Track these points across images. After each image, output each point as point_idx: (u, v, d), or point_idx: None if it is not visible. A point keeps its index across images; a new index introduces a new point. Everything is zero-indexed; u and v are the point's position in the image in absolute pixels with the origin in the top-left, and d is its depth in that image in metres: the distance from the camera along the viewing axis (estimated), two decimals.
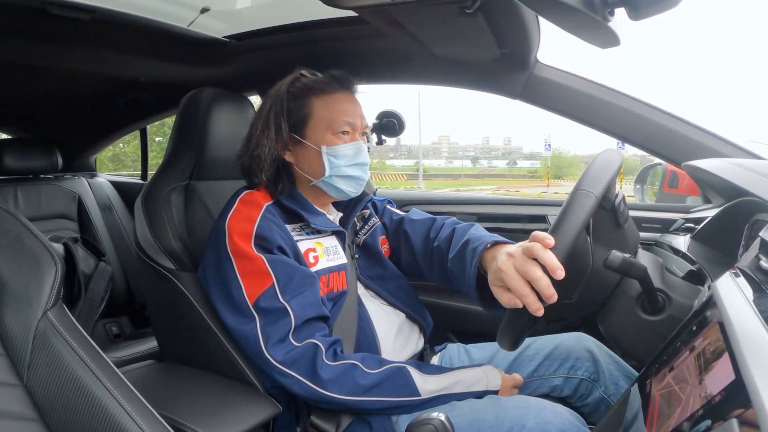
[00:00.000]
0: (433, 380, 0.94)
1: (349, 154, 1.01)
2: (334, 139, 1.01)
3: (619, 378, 1.03)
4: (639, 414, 0.58)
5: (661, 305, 0.84)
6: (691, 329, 0.59)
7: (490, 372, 0.99)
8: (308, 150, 1.02)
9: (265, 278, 0.92)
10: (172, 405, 0.89)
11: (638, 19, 0.56)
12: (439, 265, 1.07)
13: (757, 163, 0.76)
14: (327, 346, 0.91)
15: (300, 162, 1.04)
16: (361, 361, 0.91)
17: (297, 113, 1.02)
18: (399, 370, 0.92)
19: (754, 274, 0.58)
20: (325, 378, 0.87)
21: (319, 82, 1.04)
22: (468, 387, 0.96)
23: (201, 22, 1.39)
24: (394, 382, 0.91)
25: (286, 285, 0.92)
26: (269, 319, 0.91)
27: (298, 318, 0.91)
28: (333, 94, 1.03)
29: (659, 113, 1.27)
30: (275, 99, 1.03)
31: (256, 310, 0.92)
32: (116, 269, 2.11)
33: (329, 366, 0.89)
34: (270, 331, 0.90)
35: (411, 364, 0.96)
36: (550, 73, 1.32)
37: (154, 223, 1.09)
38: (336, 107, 1.02)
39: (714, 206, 1.21)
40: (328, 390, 0.88)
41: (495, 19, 0.97)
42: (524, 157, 53.30)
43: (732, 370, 0.41)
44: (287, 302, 0.91)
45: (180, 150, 1.19)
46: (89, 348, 0.61)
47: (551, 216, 1.60)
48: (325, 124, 1.01)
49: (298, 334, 0.91)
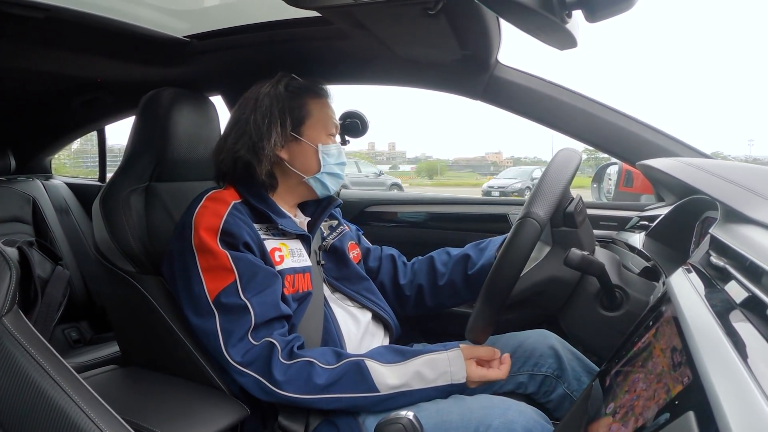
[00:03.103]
0: (393, 372, 0.90)
1: (336, 153, 1.09)
2: (327, 139, 1.08)
3: (581, 374, 1.05)
4: (601, 408, 0.59)
5: (619, 301, 0.87)
6: (648, 324, 0.61)
7: (454, 361, 0.93)
8: (305, 147, 1.06)
9: (227, 274, 0.91)
10: (136, 410, 0.87)
11: (594, 21, 0.58)
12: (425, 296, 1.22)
13: (706, 162, 0.79)
14: (283, 345, 0.90)
15: (294, 159, 1.06)
16: (319, 357, 0.90)
17: (297, 112, 1.05)
18: (356, 365, 0.90)
19: (705, 270, 0.60)
20: (280, 378, 0.87)
21: (313, 85, 1.09)
22: (431, 381, 0.91)
23: (162, 22, 1.35)
24: (352, 378, 0.89)
25: (248, 282, 0.91)
26: (229, 316, 0.90)
27: (258, 316, 0.90)
28: (324, 98, 1.11)
29: (614, 114, 1.31)
30: (275, 96, 1.04)
31: (216, 306, 0.91)
32: (74, 273, 2.05)
33: (284, 365, 0.88)
34: (230, 329, 0.90)
35: (371, 354, 0.94)
36: (511, 74, 1.34)
37: (113, 225, 1.07)
38: (327, 110, 1.10)
39: (667, 204, 1.26)
40: (284, 390, 0.87)
41: (457, 20, 0.98)
42: (407, 161, 55.69)
43: (687, 364, 0.42)
44: (248, 300, 0.90)
45: (139, 151, 1.16)
46: (48, 354, 0.58)
47: (512, 215, 1.63)
48: (321, 125, 1.07)
49: (257, 333, 0.90)
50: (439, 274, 1.19)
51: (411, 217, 1.84)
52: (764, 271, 0.46)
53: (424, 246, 1.79)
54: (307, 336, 0.98)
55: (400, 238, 1.84)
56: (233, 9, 1.33)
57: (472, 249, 1.19)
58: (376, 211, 1.89)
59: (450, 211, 1.79)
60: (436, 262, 1.21)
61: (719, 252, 0.61)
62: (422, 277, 1.22)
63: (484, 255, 1.15)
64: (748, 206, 0.60)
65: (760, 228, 0.55)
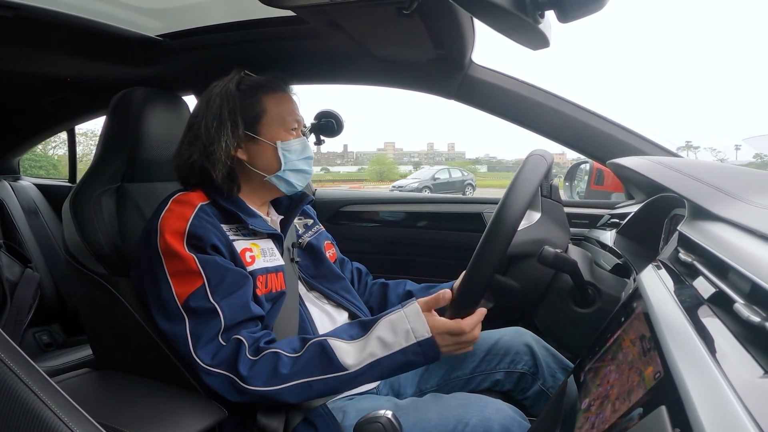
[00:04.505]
0: (357, 347, 0.87)
1: (299, 148, 1.05)
2: (286, 135, 1.04)
3: (556, 370, 1.07)
4: (576, 404, 0.60)
5: (592, 298, 0.88)
6: (620, 320, 0.62)
7: (413, 317, 0.87)
8: (263, 146, 1.03)
9: (195, 278, 0.89)
10: (112, 414, 0.85)
11: (566, 21, 0.58)
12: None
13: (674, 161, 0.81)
14: (251, 341, 0.88)
15: (253, 158, 1.04)
16: (284, 347, 0.89)
17: (251, 111, 1.02)
18: (320, 346, 0.87)
19: (674, 266, 0.62)
20: (245, 374, 0.85)
21: (268, 80, 1.06)
22: (394, 344, 0.86)
23: (134, 20, 1.32)
24: (318, 362, 0.86)
25: (217, 285, 0.90)
26: (198, 320, 0.89)
27: (227, 319, 0.89)
28: (281, 93, 1.06)
29: (586, 113, 1.33)
30: (226, 96, 1.01)
31: (186, 311, 0.89)
32: (45, 276, 2.01)
33: (250, 360, 0.87)
34: (199, 332, 0.88)
35: (336, 332, 0.91)
36: (484, 73, 1.35)
37: (83, 227, 1.04)
38: (285, 105, 1.05)
39: (636, 202, 1.29)
40: (252, 384, 0.85)
41: (431, 20, 0.98)
42: (470, 162, 55.88)
43: (658, 358, 0.43)
44: (217, 303, 0.89)
45: (110, 151, 1.14)
46: (18, 357, 0.56)
47: (487, 213, 1.64)
48: (278, 121, 1.03)
49: (227, 335, 0.89)
50: (389, 303, 1.20)
51: (386, 216, 1.84)
52: (730, 267, 0.47)
53: (400, 245, 1.80)
54: (282, 335, 0.97)
55: (376, 237, 1.84)
56: (207, 8, 1.30)
57: (420, 291, 1.19)
58: (352, 211, 1.88)
59: (425, 210, 1.80)
60: (390, 293, 1.22)
61: (687, 249, 0.62)
62: (375, 301, 1.24)
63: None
64: (715, 204, 0.61)
65: (726, 225, 0.57)
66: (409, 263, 1.78)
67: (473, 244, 0.81)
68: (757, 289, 0.41)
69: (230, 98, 1.01)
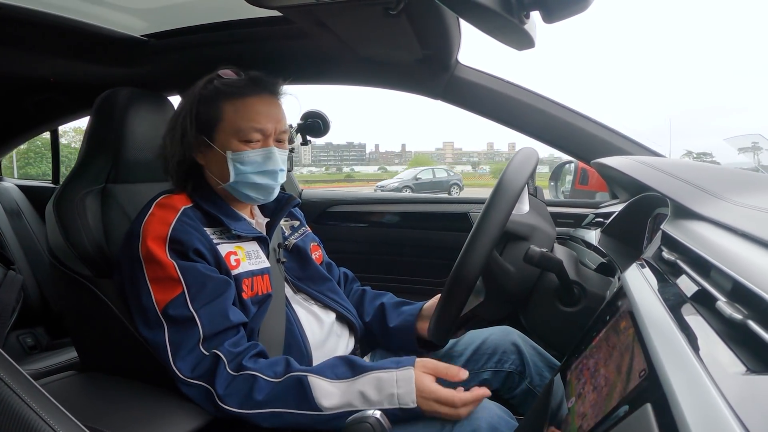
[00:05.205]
0: (337, 390, 0.85)
1: (257, 160, 0.99)
2: (241, 145, 0.98)
3: (543, 369, 1.07)
4: (563, 402, 0.60)
5: (577, 297, 0.89)
6: (605, 319, 0.63)
7: (403, 382, 0.84)
8: (216, 154, 1.00)
9: (174, 285, 0.88)
10: (97, 416, 0.84)
11: (551, 22, 0.59)
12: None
13: (657, 161, 0.82)
14: (231, 357, 0.87)
15: (209, 165, 1.02)
16: (265, 369, 0.87)
17: (206, 116, 0.99)
18: (299, 381, 0.85)
19: (658, 265, 0.62)
20: (221, 392, 0.85)
21: (230, 85, 0.99)
22: (375, 403, 0.84)
23: (119, 20, 1.31)
24: (294, 396, 0.85)
25: (196, 294, 0.88)
26: (177, 328, 0.88)
27: (206, 329, 0.88)
28: (245, 99, 0.98)
29: (571, 113, 1.35)
30: (187, 100, 1.01)
31: (165, 318, 0.88)
32: (28, 278, 2.00)
33: (229, 376, 0.86)
34: (177, 341, 0.87)
35: (321, 367, 0.89)
36: (470, 74, 1.36)
37: (67, 228, 1.03)
38: (246, 112, 0.97)
39: (620, 201, 1.30)
40: (226, 403, 0.85)
41: (418, 21, 0.98)
42: None
43: (643, 356, 0.43)
44: (196, 311, 0.88)
45: (95, 152, 1.12)
46: (2, 360, 0.55)
47: (473, 213, 1.65)
48: (233, 130, 0.97)
49: (207, 345, 0.88)
50: (364, 312, 1.19)
51: (373, 216, 1.84)
52: (712, 265, 0.48)
53: (387, 245, 1.80)
54: (269, 338, 0.96)
55: (363, 237, 1.84)
56: (193, 8, 1.29)
57: (393, 307, 1.18)
58: (338, 211, 1.88)
59: (412, 210, 1.80)
60: (366, 302, 1.21)
61: (670, 247, 0.63)
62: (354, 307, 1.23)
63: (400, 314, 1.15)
64: (697, 203, 0.62)
65: (708, 224, 0.58)
66: (395, 263, 1.79)
67: (460, 243, 0.81)
68: (739, 287, 0.42)
69: (189, 102, 1.00)
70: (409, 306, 1.16)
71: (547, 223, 0.97)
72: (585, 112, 1.35)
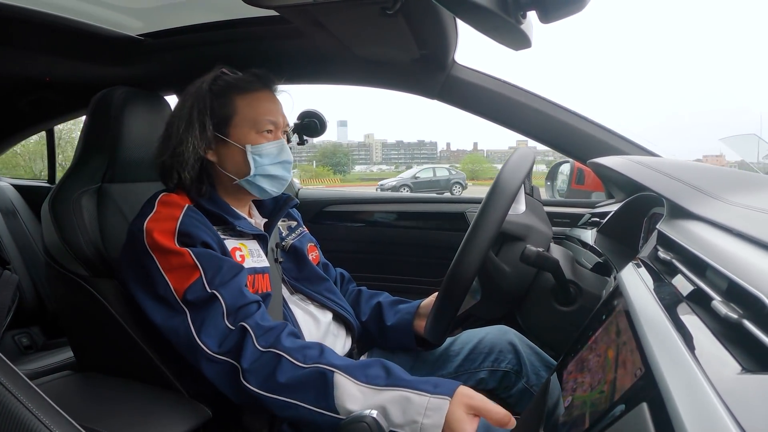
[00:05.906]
0: (361, 395, 0.79)
1: (273, 152, 1.01)
2: (258, 137, 1.00)
3: (540, 368, 1.08)
4: (559, 401, 0.60)
5: (573, 296, 0.89)
6: (601, 318, 0.63)
7: (432, 412, 0.75)
8: (232, 149, 1.00)
9: (192, 271, 0.87)
10: (94, 416, 0.84)
11: (548, 22, 0.59)
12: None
13: (653, 160, 0.83)
14: (261, 332, 0.85)
15: (223, 161, 1.01)
16: (295, 352, 0.83)
17: (220, 111, 0.99)
18: (322, 376, 0.80)
19: (654, 265, 0.62)
20: (246, 366, 0.82)
21: (241, 80, 1.02)
22: (395, 425, 0.77)
23: (115, 20, 1.30)
24: (313, 389, 0.80)
25: (214, 275, 0.88)
26: (199, 309, 0.86)
27: (228, 303, 0.87)
28: (256, 93, 1.01)
29: (567, 113, 1.35)
30: (197, 97, 0.99)
31: (185, 304, 0.87)
32: (24, 277, 1.99)
33: (256, 352, 0.83)
34: (201, 319, 0.86)
35: (355, 364, 0.84)
36: (467, 74, 1.36)
37: (63, 228, 1.03)
38: (259, 106, 1.00)
39: (616, 201, 1.31)
40: (248, 380, 0.82)
41: (415, 20, 0.98)
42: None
43: (639, 355, 0.43)
44: (216, 290, 0.87)
45: (91, 151, 1.12)
46: None
47: (470, 213, 1.65)
48: (249, 123, 0.99)
49: (232, 319, 0.86)
50: (360, 312, 1.19)
51: (369, 216, 1.84)
52: (708, 265, 0.48)
53: (384, 244, 1.80)
54: None
55: (359, 237, 1.84)
56: (189, 7, 1.29)
57: (390, 305, 1.18)
58: (335, 211, 1.88)
59: (408, 210, 1.81)
60: (362, 301, 1.21)
61: (666, 247, 0.63)
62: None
63: (397, 313, 1.15)
64: (693, 202, 0.62)
65: (703, 223, 0.58)
66: (392, 263, 1.79)
67: (457, 243, 0.82)
68: (734, 287, 0.42)
69: (201, 98, 0.99)
70: (406, 304, 1.16)
71: (544, 222, 0.97)
72: (581, 112, 1.35)
